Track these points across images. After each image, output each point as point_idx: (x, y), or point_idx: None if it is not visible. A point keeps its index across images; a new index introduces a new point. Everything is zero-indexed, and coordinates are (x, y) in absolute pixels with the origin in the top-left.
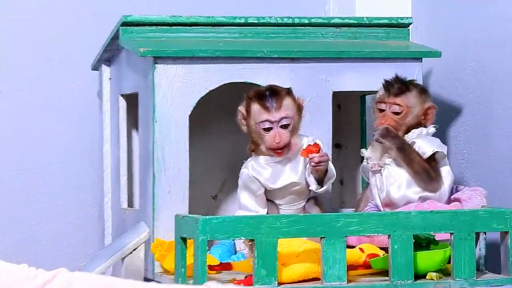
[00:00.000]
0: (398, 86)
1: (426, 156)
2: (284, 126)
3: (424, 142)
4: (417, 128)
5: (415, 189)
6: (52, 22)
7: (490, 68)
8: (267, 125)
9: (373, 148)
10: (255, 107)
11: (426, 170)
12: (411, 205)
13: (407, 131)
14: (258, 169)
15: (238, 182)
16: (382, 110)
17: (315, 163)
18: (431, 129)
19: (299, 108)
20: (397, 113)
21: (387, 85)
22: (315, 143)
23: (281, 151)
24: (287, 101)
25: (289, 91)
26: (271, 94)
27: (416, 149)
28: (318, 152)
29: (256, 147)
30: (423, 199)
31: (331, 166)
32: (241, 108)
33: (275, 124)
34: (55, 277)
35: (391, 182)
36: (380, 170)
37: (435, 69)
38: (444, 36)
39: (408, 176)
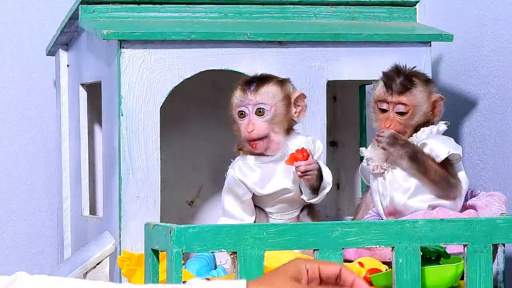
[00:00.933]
0: (401, 82)
1: (440, 159)
2: (260, 113)
3: (436, 143)
4: (425, 125)
5: (425, 196)
6: None
7: (511, 54)
8: (241, 109)
9: (374, 147)
10: (237, 93)
11: (445, 178)
12: (418, 213)
13: (415, 130)
14: (245, 171)
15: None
16: (383, 110)
17: (301, 172)
18: (442, 126)
19: (288, 101)
20: (402, 114)
21: (388, 80)
22: (303, 148)
23: (255, 143)
24: (271, 88)
25: (281, 81)
26: (257, 79)
27: (428, 151)
28: (306, 159)
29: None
30: (433, 207)
31: (326, 172)
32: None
33: (250, 109)
34: (15, 281)
35: (396, 187)
36: (383, 173)
37: (447, 55)
38: (457, 16)
39: (417, 181)
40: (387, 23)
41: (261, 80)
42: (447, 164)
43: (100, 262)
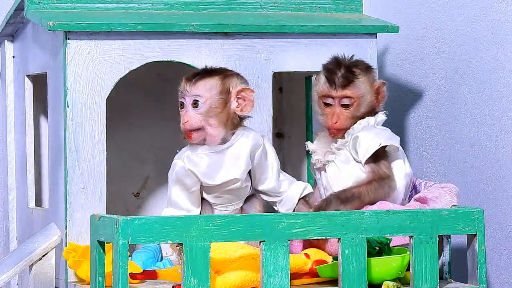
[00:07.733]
0: (343, 75)
1: (370, 152)
2: (195, 105)
3: (368, 136)
4: (370, 114)
5: None
6: None
7: (456, 46)
8: (181, 100)
9: (318, 141)
10: (181, 84)
11: (378, 184)
12: None
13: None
14: (195, 160)
15: (168, 175)
16: (328, 104)
17: None
18: (380, 116)
19: (227, 95)
20: (347, 106)
21: (330, 75)
22: None
23: (189, 134)
24: (210, 81)
25: (226, 75)
26: (202, 72)
27: (359, 145)
28: None
29: None
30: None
31: None
32: None
33: (188, 101)
34: None
35: (337, 181)
36: (324, 166)
37: (393, 46)
38: (403, 8)
39: (356, 174)
40: (333, 14)
41: (205, 73)
42: (381, 156)
43: (46, 254)
